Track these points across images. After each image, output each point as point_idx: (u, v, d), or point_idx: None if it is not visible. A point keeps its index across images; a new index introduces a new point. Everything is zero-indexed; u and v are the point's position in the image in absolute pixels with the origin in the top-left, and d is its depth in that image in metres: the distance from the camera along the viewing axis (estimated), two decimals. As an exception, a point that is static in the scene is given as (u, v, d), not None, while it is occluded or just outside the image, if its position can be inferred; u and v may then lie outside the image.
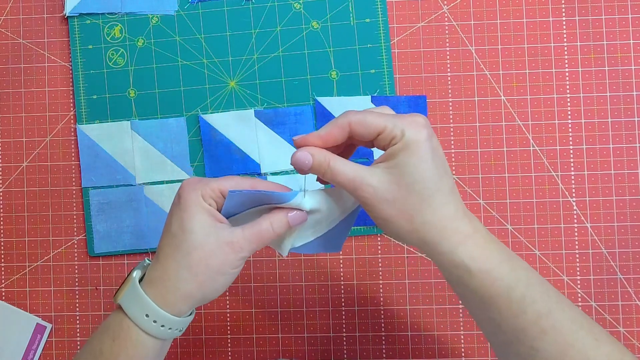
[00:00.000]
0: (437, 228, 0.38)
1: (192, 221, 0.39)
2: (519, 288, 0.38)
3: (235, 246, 0.39)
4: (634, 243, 0.56)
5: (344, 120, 0.39)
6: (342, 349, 0.57)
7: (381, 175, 0.38)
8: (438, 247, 0.38)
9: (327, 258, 0.57)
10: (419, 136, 0.37)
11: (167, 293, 0.39)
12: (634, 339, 0.55)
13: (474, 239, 0.38)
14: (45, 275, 0.59)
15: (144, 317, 0.39)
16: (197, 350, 0.58)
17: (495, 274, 0.38)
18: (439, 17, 0.57)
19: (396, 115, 0.39)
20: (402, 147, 0.37)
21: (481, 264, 0.38)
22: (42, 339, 0.58)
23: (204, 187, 0.40)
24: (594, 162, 0.56)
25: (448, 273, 0.39)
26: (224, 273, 0.40)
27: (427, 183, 0.37)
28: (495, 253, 0.39)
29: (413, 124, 0.38)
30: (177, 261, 0.39)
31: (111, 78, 0.59)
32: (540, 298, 0.39)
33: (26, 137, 0.59)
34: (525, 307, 0.38)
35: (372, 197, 0.38)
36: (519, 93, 0.57)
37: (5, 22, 0.60)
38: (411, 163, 0.37)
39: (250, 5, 0.58)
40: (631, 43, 0.56)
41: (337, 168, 0.38)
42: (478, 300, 0.39)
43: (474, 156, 0.57)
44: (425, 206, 0.38)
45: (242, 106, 0.58)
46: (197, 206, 0.39)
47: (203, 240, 0.39)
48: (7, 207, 0.59)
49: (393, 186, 0.37)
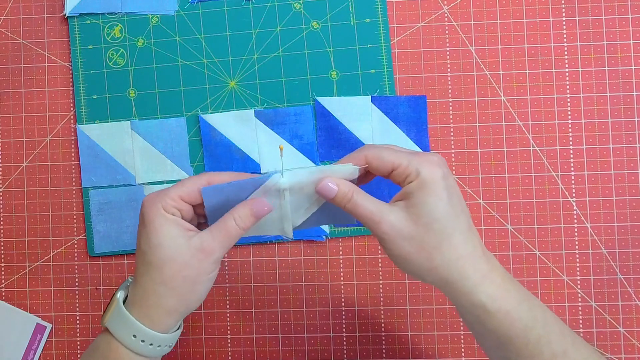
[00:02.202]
0: (456, 267, 0.38)
1: (158, 235, 0.39)
2: (536, 329, 0.38)
3: (207, 251, 0.39)
4: (634, 243, 0.56)
5: (361, 155, 0.40)
6: (342, 349, 0.57)
7: (400, 212, 0.38)
8: (458, 286, 0.38)
9: (327, 258, 0.57)
10: (434, 175, 0.38)
11: (150, 311, 0.39)
12: (634, 339, 0.55)
13: (492, 278, 0.38)
14: (45, 275, 0.59)
15: (132, 337, 0.39)
16: (197, 350, 0.58)
17: (514, 314, 0.38)
18: (439, 17, 0.57)
19: (412, 152, 0.39)
20: (418, 186, 0.38)
21: (500, 304, 0.38)
22: (42, 339, 0.58)
23: (163, 199, 0.39)
24: (594, 162, 0.56)
25: (466, 312, 0.39)
26: (201, 282, 0.39)
27: (445, 222, 0.38)
28: (513, 292, 0.39)
29: (427, 162, 0.38)
30: (152, 279, 0.39)
31: (111, 78, 0.59)
32: (556, 339, 0.39)
33: (26, 137, 0.59)
34: (542, 348, 0.38)
35: (391, 233, 0.38)
36: (519, 93, 0.57)
37: (5, 22, 0.60)
38: (428, 202, 0.38)
39: (250, 5, 0.58)
40: (631, 43, 0.56)
41: (359, 201, 0.39)
42: (495, 339, 0.39)
43: (474, 156, 0.57)
44: (445, 245, 0.38)
45: (242, 106, 0.58)
46: (160, 219, 0.39)
47: (173, 253, 0.38)
48: (7, 207, 0.59)
49: (412, 224, 0.38)
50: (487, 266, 0.39)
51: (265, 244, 0.58)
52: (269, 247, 0.58)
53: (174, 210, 0.39)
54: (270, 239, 0.57)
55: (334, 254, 0.57)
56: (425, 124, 0.57)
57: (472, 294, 0.38)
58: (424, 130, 0.57)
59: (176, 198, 0.39)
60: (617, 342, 0.55)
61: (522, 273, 0.56)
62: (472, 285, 0.38)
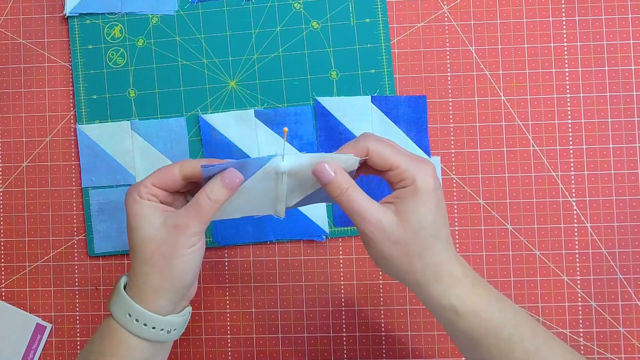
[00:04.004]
0: (431, 272, 0.40)
1: (136, 220, 0.41)
2: (506, 327, 0.40)
3: (180, 226, 0.40)
4: (634, 243, 0.56)
5: (364, 145, 0.40)
6: (342, 349, 0.57)
7: (391, 216, 0.39)
8: (429, 289, 0.40)
9: (327, 258, 0.57)
10: (428, 185, 0.39)
11: (140, 291, 0.41)
12: (634, 339, 0.55)
13: (464, 283, 0.40)
14: (45, 275, 0.59)
15: (127, 316, 0.41)
16: (197, 350, 0.58)
17: (483, 315, 0.40)
18: (439, 17, 0.57)
19: (410, 156, 0.41)
20: (411, 193, 0.39)
21: (469, 306, 0.40)
22: (42, 339, 0.58)
23: (138, 188, 0.42)
24: (594, 162, 0.56)
25: (437, 314, 0.41)
26: (179, 256, 0.41)
27: (431, 231, 0.40)
28: (483, 295, 0.40)
29: (423, 171, 0.40)
30: (136, 260, 0.41)
31: (111, 78, 0.59)
32: (528, 337, 0.40)
33: (26, 137, 0.59)
34: (513, 346, 0.40)
35: (379, 234, 0.39)
36: (519, 93, 0.57)
37: (5, 22, 0.60)
38: (420, 211, 0.39)
39: (250, 5, 0.58)
40: (631, 43, 0.56)
41: (353, 195, 0.40)
42: (468, 341, 0.41)
43: (474, 156, 0.57)
44: (427, 252, 0.40)
45: (242, 106, 0.58)
46: (136, 205, 0.41)
47: (151, 233, 0.41)
48: (7, 207, 0.59)
49: (400, 228, 0.39)
50: (460, 271, 0.40)
51: (265, 244, 0.58)
52: (269, 247, 0.58)
53: (148, 196, 0.42)
54: (270, 239, 0.57)
55: (334, 254, 0.57)
56: (425, 124, 0.57)
57: (443, 297, 0.40)
58: (424, 130, 0.57)
59: (149, 185, 0.42)
60: (617, 342, 0.55)
61: (522, 273, 0.56)
62: (444, 289, 0.40)
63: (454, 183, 0.57)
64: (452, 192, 0.57)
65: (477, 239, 0.56)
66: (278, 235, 0.57)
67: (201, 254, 0.42)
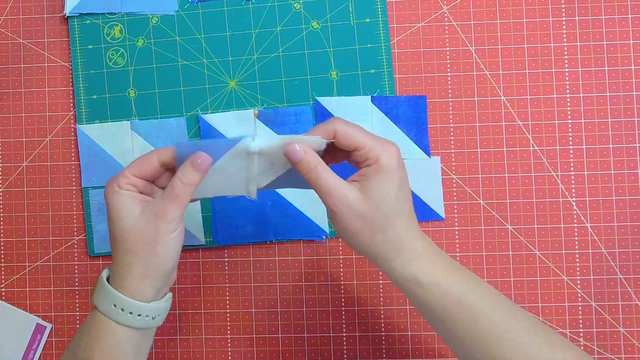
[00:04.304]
0: (394, 246, 0.42)
1: (117, 211, 0.42)
2: (469, 297, 0.41)
3: (160, 213, 0.41)
4: (634, 243, 0.56)
5: (332, 126, 0.42)
6: (342, 349, 0.57)
7: (356, 192, 0.41)
8: (391, 262, 0.42)
9: (327, 258, 0.57)
10: (391, 164, 0.41)
11: (124, 281, 0.42)
12: (634, 339, 0.55)
13: (425, 255, 0.42)
14: (45, 275, 0.59)
15: (112, 307, 0.42)
16: (197, 350, 0.58)
17: (446, 286, 0.41)
18: (439, 17, 0.57)
19: (375, 138, 0.43)
20: (375, 171, 0.41)
21: (431, 277, 0.41)
22: (42, 339, 0.58)
23: (117, 179, 0.43)
24: (594, 162, 0.56)
25: (401, 286, 0.42)
26: (161, 241, 0.42)
27: (394, 206, 0.41)
28: (444, 267, 0.42)
29: (388, 152, 0.42)
30: (119, 251, 0.42)
31: (111, 78, 0.59)
32: (491, 306, 0.41)
33: (26, 137, 0.59)
34: (477, 317, 0.40)
35: (345, 210, 0.41)
36: (519, 93, 0.57)
37: (5, 22, 0.60)
38: (382, 187, 0.41)
39: (250, 5, 0.58)
40: (631, 43, 0.56)
41: (322, 172, 0.41)
42: (433, 313, 0.41)
43: (474, 156, 0.57)
44: (389, 226, 0.41)
45: (242, 106, 0.58)
46: (115, 196, 0.42)
47: (132, 223, 0.42)
48: (7, 207, 0.59)
49: (364, 204, 0.41)
50: (422, 244, 0.42)
51: (265, 244, 0.58)
52: (269, 247, 0.58)
53: (127, 186, 0.42)
54: (270, 239, 0.57)
55: (334, 254, 0.57)
56: (425, 124, 0.57)
57: (405, 269, 0.41)
58: (424, 130, 0.57)
59: (128, 175, 0.42)
60: (617, 342, 0.55)
61: (522, 273, 0.56)
62: (406, 261, 0.41)
63: (454, 183, 0.57)
64: (452, 192, 0.57)
65: (477, 239, 0.56)
66: (278, 235, 0.57)
67: (181, 239, 0.43)
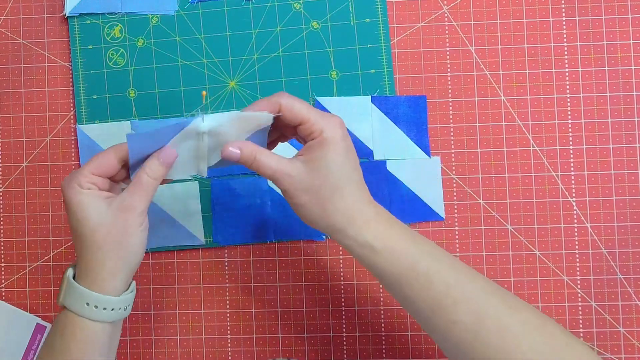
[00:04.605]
0: (345, 215, 0.42)
1: (82, 210, 0.42)
2: (423, 261, 0.41)
3: (128, 207, 0.42)
4: (634, 243, 0.56)
5: (276, 100, 0.43)
6: (342, 349, 0.57)
7: (300, 167, 0.42)
8: (345, 231, 0.42)
9: (327, 258, 0.57)
10: (335, 134, 0.42)
11: (96, 278, 0.42)
12: (634, 339, 0.55)
13: (378, 221, 0.42)
14: (45, 275, 0.59)
15: (85, 305, 0.42)
16: (197, 350, 0.58)
17: (399, 250, 0.42)
18: (439, 17, 0.57)
19: (319, 112, 0.43)
20: (319, 143, 0.42)
21: (385, 242, 0.42)
22: (42, 339, 0.58)
23: (76, 178, 0.42)
24: (594, 162, 0.56)
25: (357, 255, 0.43)
26: (131, 234, 0.42)
27: (340, 175, 0.42)
28: (398, 232, 0.42)
29: (331, 124, 0.42)
30: (88, 249, 0.42)
31: (111, 78, 0.59)
32: (446, 270, 0.41)
33: (26, 137, 0.59)
34: (432, 279, 0.41)
35: (291, 186, 0.42)
36: (519, 93, 0.57)
37: (5, 22, 0.60)
38: (327, 157, 0.42)
39: (250, 5, 0.58)
40: (631, 43, 0.56)
41: (261, 161, 0.42)
42: (389, 278, 0.42)
43: (474, 156, 0.57)
44: (337, 195, 0.42)
45: (242, 106, 0.58)
46: (78, 196, 0.42)
47: (99, 220, 0.42)
48: (7, 207, 0.59)
49: (309, 177, 0.42)
50: (373, 212, 0.43)
51: (265, 244, 0.58)
52: (269, 247, 0.58)
53: (89, 185, 0.42)
54: (270, 239, 0.57)
55: (334, 254, 0.57)
56: (425, 124, 0.57)
57: (358, 235, 0.42)
58: (424, 130, 0.57)
59: (88, 174, 0.42)
60: (617, 342, 0.55)
61: (522, 273, 0.56)
62: (358, 228, 0.42)
63: (454, 183, 0.57)
64: (452, 192, 0.57)
65: (477, 239, 0.56)
66: (278, 235, 0.57)
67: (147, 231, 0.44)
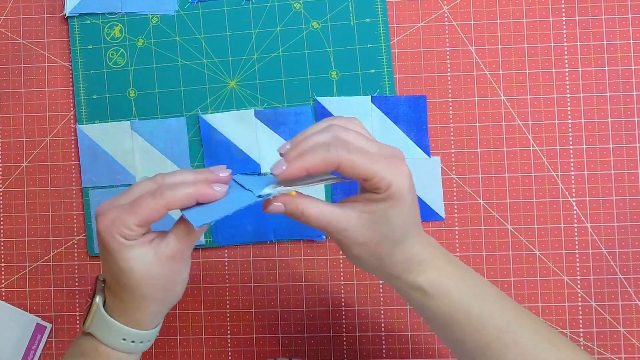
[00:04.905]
0: (402, 265, 0.40)
1: (128, 262, 0.39)
2: (476, 304, 0.40)
3: (177, 256, 0.40)
4: (634, 243, 0.56)
5: (334, 160, 0.37)
6: (342, 349, 0.57)
7: (357, 219, 0.38)
8: (401, 278, 0.41)
9: (327, 258, 0.57)
10: (403, 188, 0.38)
11: (137, 318, 0.41)
12: (634, 339, 0.55)
13: (434, 266, 0.41)
14: (45, 275, 0.59)
15: (122, 341, 0.41)
16: (197, 350, 0.58)
17: (453, 294, 0.40)
18: (439, 17, 0.57)
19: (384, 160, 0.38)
20: (385, 198, 0.38)
21: (439, 287, 0.40)
22: (42, 339, 0.58)
23: (120, 230, 0.38)
24: (594, 162, 0.56)
25: (409, 297, 0.41)
26: (177, 282, 0.41)
27: (401, 232, 0.39)
28: (452, 274, 0.41)
29: (399, 176, 0.38)
30: (132, 296, 0.40)
31: (111, 78, 0.59)
32: (498, 312, 0.41)
33: (26, 137, 0.59)
34: (484, 323, 0.40)
35: (345, 239, 0.39)
36: (519, 93, 0.57)
37: (5, 22, 0.60)
38: (391, 212, 0.38)
39: (250, 5, 0.58)
40: (631, 43, 0.56)
41: (310, 214, 0.38)
42: (441, 321, 0.41)
43: (474, 156, 0.57)
44: (396, 250, 0.40)
45: (242, 106, 0.58)
46: (124, 250, 0.38)
47: (146, 271, 0.39)
48: (7, 207, 0.59)
49: (368, 231, 0.39)
50: (429, 254, 0.41)
51: (265, 244, 0.58)
52: (268, 247, 0.58)
53: (135, 236, 0.39)
54: (270, 239, 0.57)
55: (334, 254, 0.57)
56: (425, 124, 0.57)
57: (414, 282, 0.40)
58: (424, 130, 0.57)
59: (133, 227, 0.38)
60: (617, 342, 0.55)
61: (522, 273, 0.56)
62: (415, 275, 0.40)
63: (454, 183, 0.57)
64: (452, 192, 0.57)
65: (477, 239, 0.56)
66: (278, 235, 0.57)
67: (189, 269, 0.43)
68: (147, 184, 0.40)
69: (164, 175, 0.40)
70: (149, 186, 0.40)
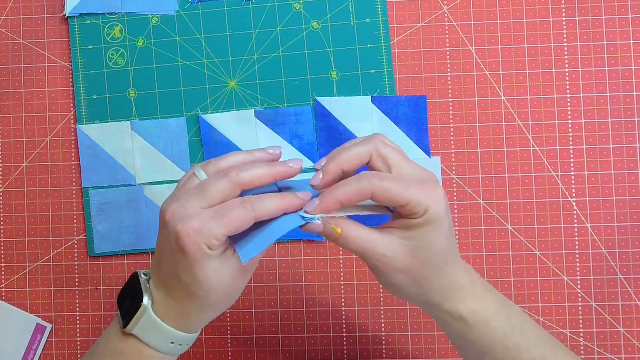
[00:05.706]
0: (441, 292, 0.40)
1: (205, 273, 0.37)
2: (514, 336, 0.40)
3: (248, 269, 0.39)
4: (634, 243, 0.56)
5: (368, 189, 0.36)
6: (342, 349, 0.57)
7: (396, 245, 0.38)
8: (440, 306, 0.40)
9: (327, 258, 0.57)
10: (440, 212, 0.37)
11: (191, 323, 0.40)
12: (634, 339, 0.55)
13: (472, 294, 0.40)
14: (45, 275, 0.59)
15: (170, 344, 0.40)
16: (197, 350, 0.58)
17: (492, 324, 0.40)
18: (439, 17, 0.57)
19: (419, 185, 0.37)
20: (423, 223, 0.37)
21: (479, 316, 0.40)
22: (42, 339, 0.58)
23: (207, 239, 0.36)
24: (594, 162, 0.56)
25: (448, 327, 0.41)
26: (238, 292, 0.41)
27: (440, 256, 0.38)
28: (491, 303, 0.41)
29: (435, 200, 0.37)
30: (196, 304, 0.39)
31: (111, 78, 0.59)
32: (534, 344, 0.41)
33: (26, 137, 0.59)
34: (521, 354, 0.40)
35: (384, 266, 0.38)
36: (519, 93, 0.57)
37: (5, 22, 0.60)
38: (430, 238, 0.38)
39: (250, 5, 0.58)
40: (631, 43, 0.56)
41: (348, 237, 0.38)
42: (477, 349, 0.41)
43: (474, 156, 0.57)
44: (435, 275, 0.39)
45: (242, 106, 0.58)
46: (206, 260, 0.37)
47: (219, 283, 0.38)
48: (7, 207, 0.59)
49: (407, 257, 0.38)
50: (468, 282, 0.40)
51: (265, 244, 0.58)
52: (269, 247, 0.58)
53: (218, 246, 0.37)
54: (270, 239, 0.57)
55: (334, 254, 0.57)
56: (425, 124, 0.57)
57: (453, 310, 0.40)
58: (424, 130, 0.57)
59: (221, 237, 0.36)
60: (617, 342, 0.55)
61: (522, 273, 0.56)
62: (454, 303, 0.40)
63: (454, 183, 0.57)
64: (452, 192, 0.57)
65: (477, 239, 0.56)
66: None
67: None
68: (223, 184, 0.38)
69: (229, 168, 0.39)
70: (226, 187, 0.38)
